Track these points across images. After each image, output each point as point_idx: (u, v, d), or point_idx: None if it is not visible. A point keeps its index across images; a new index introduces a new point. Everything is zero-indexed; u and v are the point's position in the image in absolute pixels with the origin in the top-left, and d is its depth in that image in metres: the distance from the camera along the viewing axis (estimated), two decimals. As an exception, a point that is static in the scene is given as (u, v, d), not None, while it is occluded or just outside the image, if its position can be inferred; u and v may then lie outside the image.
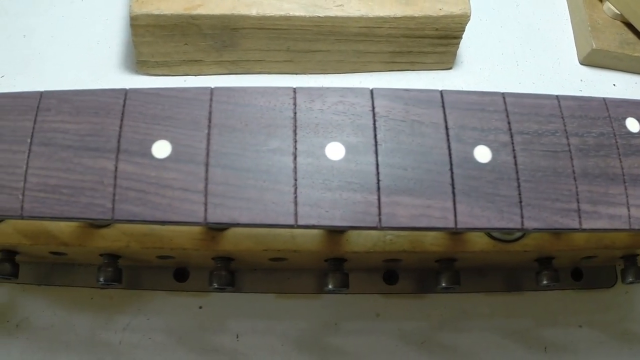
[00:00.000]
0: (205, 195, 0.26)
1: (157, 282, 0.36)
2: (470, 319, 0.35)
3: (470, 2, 0.36)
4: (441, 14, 0.36)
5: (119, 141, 0.27)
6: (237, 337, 0.35)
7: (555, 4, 0.42)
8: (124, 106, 0.28)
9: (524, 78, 0.39)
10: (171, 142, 0.27)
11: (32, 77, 0.40)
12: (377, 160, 0.27)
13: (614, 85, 0.40)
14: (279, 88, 0.29)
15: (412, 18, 0.36)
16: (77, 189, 0.27)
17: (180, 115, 0.28)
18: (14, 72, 0.40)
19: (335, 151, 0.27)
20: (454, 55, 0.39)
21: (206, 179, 0.26)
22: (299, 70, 0.39)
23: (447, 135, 0.28)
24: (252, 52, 0.38)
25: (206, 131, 0.27)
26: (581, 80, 0.40)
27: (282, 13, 0.35)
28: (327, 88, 0.28)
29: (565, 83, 0.39)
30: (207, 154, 0.27)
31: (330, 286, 0.33)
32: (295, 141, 0.27)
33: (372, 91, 0.28)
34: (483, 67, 0.40)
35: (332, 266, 0.34)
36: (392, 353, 0.35)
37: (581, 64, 0.40)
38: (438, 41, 0.38)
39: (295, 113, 0.27)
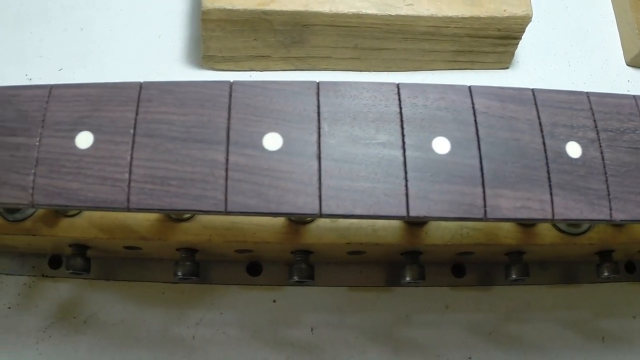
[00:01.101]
0: (319, 188, 0.26)
1: (230, 276, 0.36)
2: (534, 311, 0.37)
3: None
4: (505, 15, 0.37)
5: (228, 133, 0.27)
6: (312, 330, 0.35)
7: (601, 6, 0.44)
8: (230, 98, 0.28)
9: (576, 78, 0.41)
10: (281, 134, 0.27)
11: (92, 70, 0.39)
12: (480, 155, 0.28)
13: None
14: (382, 84, 0.29)
15: (478, 18, 0.37)
16: (186, 180, 0.26)
17: (288, 108, 0.28)
18: (73, 65, 0.39)
19: (441, 145, 0.27)
20: (512, 55, 0.40)
21: (319, 171, 0.27)
22: (364, 67, 0.40)
23: (542, 131, 0.29)
24: (320, 48, 0.38)
25: (316, 124, 0.27)
26: (628, 81, 0.41)
27: (354, 11, 0.36)
28: (428, 85, 0.29)
29: (614, 84, 0.41)
30: (319, 147, 0.27)
31: (407, 278, 0.34)
32: (403, 135, 0.27)
33: (470, 88, 0.29)
34: (537, 67, 0.41)
35: (410, 259, 0.34)
36: (461, 344, 0.36)
37: (628, 65, 0.42)
38: (499, 41, 0.39)
39: (400, 108, 0.28)
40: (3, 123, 0.28)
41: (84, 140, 0.27)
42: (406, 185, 0.26)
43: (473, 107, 0.28)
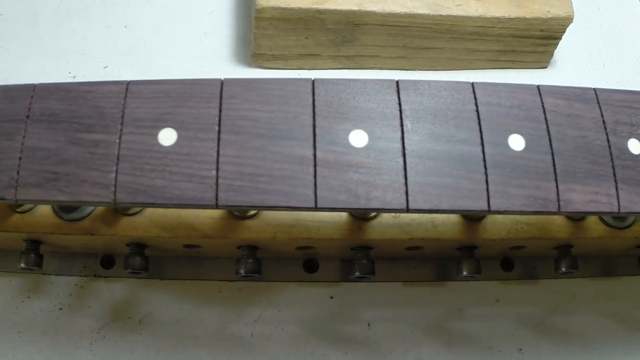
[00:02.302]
0: (406, 184, 0.27)
1: (286, 273, 0.36)
2: (578, 303, 0.38)
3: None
4: (549, 16, 0.38)
5: (314, 130, 0.27)
6: (369, 326, 0.35)
7: (630, 7, 0.46)
8: (313, 95, 0.28)
9: (610, 77, 0.42)
10: (367, 131, 0.28)
11: (137, 67, 0.39)
12: (552, 151, 0.29)
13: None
14: (458, 82, 0.30)
15: (523, 19, 0.38)
16: (275, 177, 0.27)
17: (370, 105, 0.28)
18: (118, 62, 0.39)
19: (516, 142, 0.28)
20: (551, 55, 0.41)
21: (405, 168, 0.27)
22: (410, 66, 0.40)
23: (605, 129, 0.30)
24: (369, 47, 0.39)
25: (398, 121, 0.28)
26: (658, 80, 0.43)
27: (406, 10, 0.37)
28: (499, 84, 0.30)
29: (646, 83, 0.43)
30: (403, 144, 0.27)
31: (464, 272, 0.35)
32: (481, 132, 0.28)
33: (538, 87, 0.30)
34: (574, 66, 0.42)
35: (466, 253, 0.35)
36: (511, 336, 0.37)
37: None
38: (540, 41, 0.40)
39: (477, 106, 0.29)
40: (79, 120, 0.27)
41: (167, 137, 0.27)
42: (486, 181, 0.27)
43: (543, 106, 0.29)
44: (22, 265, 0.34)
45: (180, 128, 0.27)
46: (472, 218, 0.34)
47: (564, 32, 0.39)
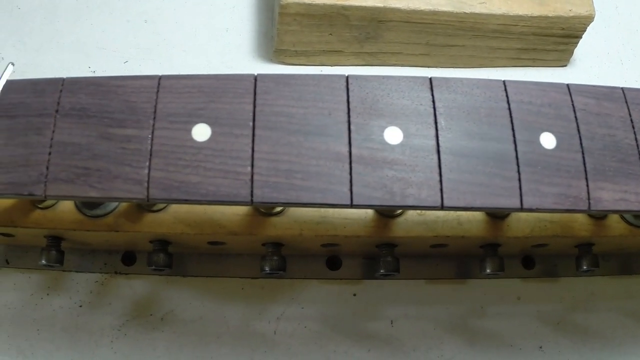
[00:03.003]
0: (441, 182, 0.27)
1: (309, 270, 0.36)
2: (597, 301, 0.38)
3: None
4: (570, 14, 0.38)
5: (349, 127, 0.27)
6: (392, 323, 0.35)
7: (647, 6, 0.46)
8: (347, 92, 0.28)
9: (629, 76, 0.42)
10: (401, 128, 0.27)
11: (158, 62, 0.38)
12: (582, 149, 0.29)
13: None
14: (490, 80, 0.30)
15: (546, 17, 0.38)
16: (311, 174, 0.26)
17: (404, 102, 0.28)
18: (138, 57, 0.38)
19: (548, 141, 0.28)
20: (571, 53, 0.41)
21: (439, 165, 0.27)
22: (432, 63, 0.40)
23: (633, 127, 0.30)
24: (392, 44, 0.38)
25: (432, 119, 0.28)
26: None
27: (431, 7, 0.37)
28: (529, 82, 0.30)
29: (662, 82, 0.43)
30: (437, 141, 0.27)
31: (488, 270, 0.35)
32: (513, 130, 0.28)
33: (568, 86, 0.30)
34: (593, 65, 0.42)
35: (490, 251, 0.35)
36: (533, 334, 0.37)
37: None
38: (561, 40, 0.40)
39: (509, 104, 0.29)
40: (110, 114, 0.27)
41: (201, 132, 0.26)
42: (519, 179, 0.27)
43: (572, 105, 0.29)
44: (43, 262, 0.34)
45: (214, 124, 0.27)
46: (496, 216, 0.34)
47: (585, 30, 0.40)
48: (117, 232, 0.33)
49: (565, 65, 0.42)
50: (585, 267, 0.37)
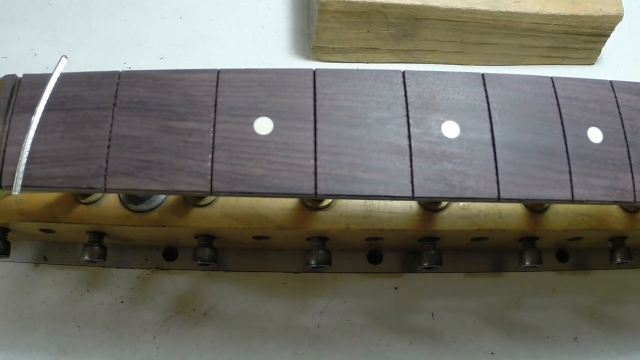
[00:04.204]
0: (497, 174, 0.27)
1: (351, 264, 0.36)
2: (630, 293, 0.39)
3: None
4: (600, 13, 0.39)
5: (408, 120, 0.28)
6: (432, 316, 0.36)
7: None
8: (404, 86, 0.28)
9: (654, 74, 0.44)
10: (458, 122, 0.28)
11: (195, 59, 0.38)
12: (627, 143, 0.30)
13: None
14: (540, 77, 0.30)
15: (577, 17, 0.39)
16: (373, 167, 0.27)
17: (458, 97, 0.29)
18: (174, 53, 0.38)
19: (595, 135, 0.29)
20: (598, 52, 0.42)
21: (495, 158, 0.28)
22: (465, 61, 0.41)
23: (673, 122, 0.31)
24: (428, 42, 0.39)
25: (487, 113, 0.28)
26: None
27: (467, 6, 0.37)
28: (574, 78, 0.31)
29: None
30: (492, 136, 0.28)
31: (527, 263, 0.36)
32: (563, 125, 0.29)
33: (611, 82, 0.31)
34: (619, 63, 0.43)
35: (528, 244, 0.36)
36: (568, 325, 0.37)
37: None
38: (590, 38, 0.41)
39: (557, 100, 0.29)
40: (170, 108, 0.27)
41: (264, 125, 0.27)
42: (569, 172, 0.28)
43: (616, 101, 0.30)
44: (86, 258, 0.34)
45: (276, 117, 0.27)
46: (536, 209, 0.35)
47: (613, 29, 0.41)
48: (163, 227, 0.33)
49: (592, 64, 0.43)
50: (619, 260, 0.38)
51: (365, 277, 0.36)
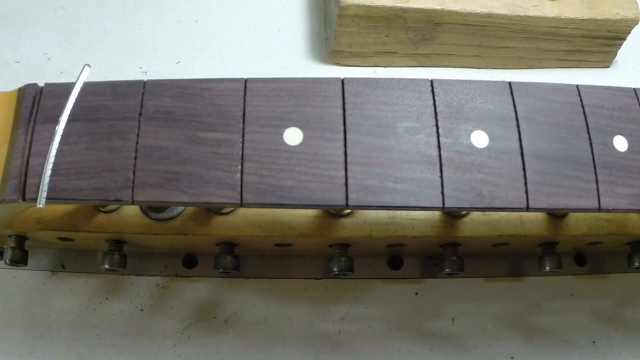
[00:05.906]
0: (526, 184, 0.27)
1: (372, 270, 0.36)
2: (645, 296, 0.39)
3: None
4: (617, 17, 0.39)
5: (437, 130, 0.28)
6: (453, 321, 0.36)
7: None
8: (433, 95, 0.28)
9: (668, 77, 0.44)
10: (486, 132, 0.28)
11: (211, 63, 0.38)
12: (652, 151, 0.30)
13: None
14: (565, 85, 0.30)
15: (594, 20, 0.39)
16: (404, 177, 0.27)
17: (486, 106, 0.28)
18: (190, 57, 0.38)
19: (621, 143, 0.29)
20: (614, 55, 0.42)
21: (524, 168, 0.28)
22: (483, 65, 0.41)
23: (696, 129, 0.31)
24: (446, 46, 0.39)
25: (514, 122, 0.28)
26: None
27: (486, 10, 0.37)
28: (599, 87, 0.31)
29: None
30: (520, 144, 0.28)
31: (547, 268, 0.36)
32: (589, 134, 0.29)
33: (635, 90, 0.31)
34: (634, 66, 0.44)
35: (548, 249, 0.36)
36: (586, 329, 0.38)
37: None
38: (606, 42, 0.41)
39: (583, 108, 0.29)
40: (198, 118, 0.27)
41: (293, 136, 0.26)
42: (596, 181, 0.28)
43: (641, 108, 0.30)
44: (106, 266, 0.33)
45: (305, 127, 0.27)
46: (556, 215, 0.35)
47: (630, 32, 0.41)
48: (185, 235, 0.33)
49: (608, 67, 0.43)
50: (636, 264, 0.38)
51: (385, 283, 0.36)
